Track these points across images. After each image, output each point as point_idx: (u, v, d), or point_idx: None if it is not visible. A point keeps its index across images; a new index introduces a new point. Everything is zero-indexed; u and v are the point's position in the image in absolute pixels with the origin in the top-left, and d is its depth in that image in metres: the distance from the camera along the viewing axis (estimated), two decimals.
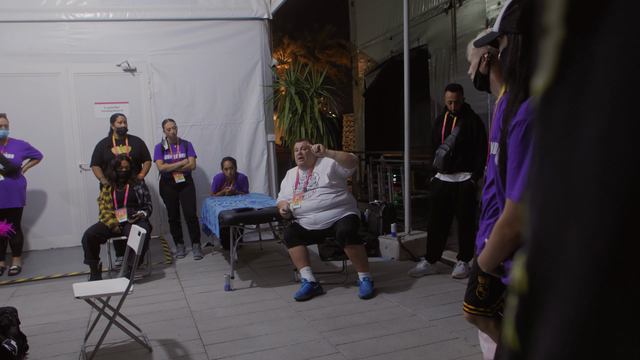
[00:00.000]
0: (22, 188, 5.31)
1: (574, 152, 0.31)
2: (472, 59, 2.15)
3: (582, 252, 0.30)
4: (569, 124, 0.31)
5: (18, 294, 4.71)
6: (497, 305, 2.29)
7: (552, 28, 0.32)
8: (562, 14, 0.32)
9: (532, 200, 0.35)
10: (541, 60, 0.33)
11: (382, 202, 5.94)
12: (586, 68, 0.30)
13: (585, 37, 0.30)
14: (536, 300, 0.33)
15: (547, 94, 0.33)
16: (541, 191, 0.34)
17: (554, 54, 0.32)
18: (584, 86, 0.30)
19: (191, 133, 6.38)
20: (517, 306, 0.36)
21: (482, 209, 2.14)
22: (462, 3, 8.36)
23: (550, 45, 0.33)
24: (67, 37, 6.08)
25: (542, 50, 0.33)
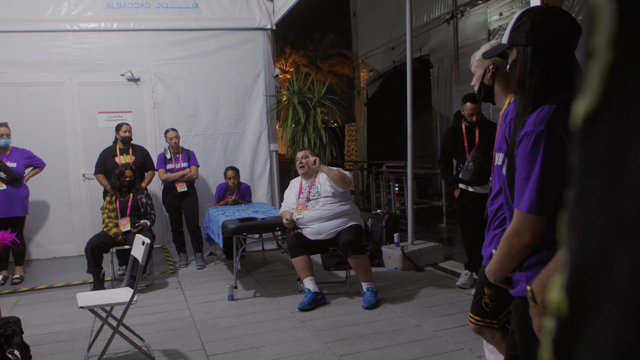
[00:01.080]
0: (24, 197, 5.32)
1: (622, 177, 0.30)
2: (475, 70, 2.15)
3: (632, 278, 0.29)
4: (615, 148, 0.31)
5: (21, 303, 4.70)
6: (503, 317, 2.28)
7: (600, 51, 0.32)
8: (610, 38, 0.31)
9: (572, 223, 0.34)
10: (585, 83, 0.33)
11: (385, 212, 5.93)
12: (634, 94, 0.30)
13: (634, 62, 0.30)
14: (578, 324, 0.33)
15: (590, 117, 0.33)
16: (584, 215, 0.33)
17: (600, 78, 0.32)
18: (632, 112, 0.30)
19: (194, 142, 6.39)
20: (555, 329, 0.35)
21: (488, 220, 2.14)
22: (464, 14, 8.40)
23: (596, 69, 0.32)
24: (72, 47, 6.11)
25: (587, 73, 0.33)
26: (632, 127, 0.30)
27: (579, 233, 0.33)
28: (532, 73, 1.46)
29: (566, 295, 0.34)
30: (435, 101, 9.30)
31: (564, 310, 0.34)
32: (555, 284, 0.36)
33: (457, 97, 8.65)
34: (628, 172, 0.30)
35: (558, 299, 0.35)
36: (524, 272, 1.49)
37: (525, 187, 1.40)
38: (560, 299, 0.34)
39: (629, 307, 0.29)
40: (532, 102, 1.45)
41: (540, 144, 1.37)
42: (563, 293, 0.34)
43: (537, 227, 1.40)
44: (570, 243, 0.34)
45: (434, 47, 9.22)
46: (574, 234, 0.34)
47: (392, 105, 11.26)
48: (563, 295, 0.34)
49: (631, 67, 0.30)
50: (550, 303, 0.36)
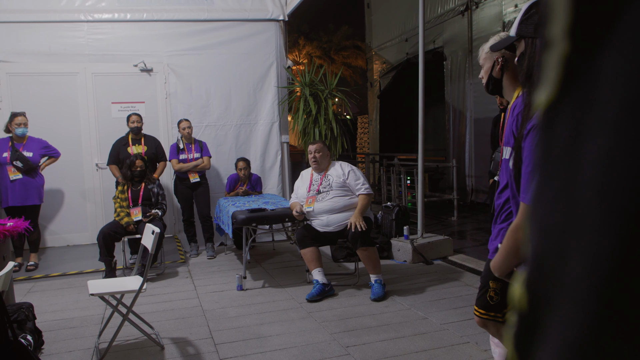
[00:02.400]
0: (40, 186, 5.40)
1: (577, 170, 0.30)
2: (484, 63, 2.13)
3: (583, 273, 0.29)
4: (572, 140, 0.31)
5: (35, 289, 4.79)
6: (508, 311, 2.27)
7: (557, 41, 0.31)
8: (566, 28, 0.31)
9: (532, 217, 0.34)
10: (544, 73, 0.33)
11: (395, 205, 5.93)
12: (590, 84, 0.29)
13: (590, 53, 0.30)
14: (536, 319, 0.33)
15: (550, 108, 0.32)
16: (542, 208, 0.33)
17: (558, 68, 0.32)
18: (588, 102, 0.30)
19: (206, 133, 6.43)
20: (516, 324, 0.35)
21: (495, 214, 2.13)
22: (479, 5, 8.31)
23: (554, 58, 0.32)
24: (86, 38, 6.17)
25: (545, 63, 0.33)
26: (588, 118, 0.29)
27: (539, 227, 0.33)
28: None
29: (526, 290, 0.34)
30: (449, 94, 9.24)
31: (524, 305, 0.34)
32: (518, 279, 0.35)
33: (470, 90, 8.58)
34: (584, 165, 0.29)
35: (519, 293, 0.34)
36: None
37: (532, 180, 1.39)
38: (521, 294, 0.34)
39: (580, 301, 0.29)
40: None
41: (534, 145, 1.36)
42: (523, 287, 0.34)
43: None
44: (531, 237, 0.34)
45: (447, 39, 9.14)
46: (534, 228, 0.33)
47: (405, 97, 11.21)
48: (523, 290, 0.34)
49: (587, 56, 0.30)
50: (513, 298, 0.36)
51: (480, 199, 8.53)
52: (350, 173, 4.42)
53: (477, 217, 7.81)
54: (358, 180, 4.39)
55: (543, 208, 0.33)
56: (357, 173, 4.47)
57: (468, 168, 8.73)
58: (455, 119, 9.08)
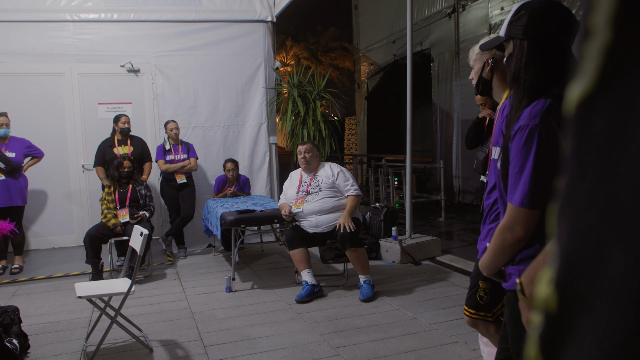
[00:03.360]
0: (23, 187, 5.33)
1: (618, 165, 0.28)
2: (474, 64, 2.15)
3: (627, 273, 0.27)
4: (613, 135, 0.29)
5: (19, 292, 4.73)
6: (498, 310, 2.29)
7: (598, 31, 0.29)
8: (611, 15, 0.29)
9: (562, 214, 0.32)
10: (582, 65, 0.30)
11: (383, 206, 5.95)
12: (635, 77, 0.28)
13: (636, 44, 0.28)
14: (567, 320, 0.31)
15: (586, 101, 0.30)
16: (576, 206, 0.31)
17: (598, 60, 0.29)
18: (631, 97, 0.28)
19: (194, 134, 6.39)
20: (542, 325, 0.33)
21: (484, 214, 2.15)
22: (465, 8, 8.38)
23: (594, 49, 0.30)
24: (72, 38, 6.10)
25: (584, 53, 0.30)
26: (631, 113, 0.28)
27: (571, 225, 0.31)
28: (528, 67, 1.46)
29: (555, 290, 0.32)
30: (436, 95, 9.30)
31: (553, 305, 0.32)
32: (543, 278, 0.34)
33: (457, 92, 8.64)
34: (626, 162, 0.28)
35: (546, 293, 0.33)
36: (517, 266, 1.50)
37: (519, 180, 1.41)
38: (548, 293, 0.33)
39: (621, 303, 0.27)
40: (527, 96, 1.45)
41: (534, 138, 1.37)
42: (552, 287, 0.32)
43: (530, 221, 1.41)
44: (560, 235, 0.32)
45: (434, 41, 9.20)
46: (565, 225, 0.32)
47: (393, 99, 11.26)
48: (552, 290, 0.32)
49: (632, 48, 0.28)
50: (538, 297, 0.34)
51: (467, 200, 8.60)
52: (339, 174, 4.43)
53: (465, 217, 7.87)
54: (347, 181, 4.41)
55: (577, 205, 0.31)
56: (346, 174, 4.48)
57: (455, 169, 8.79)
58: (443, 120, 9.14)
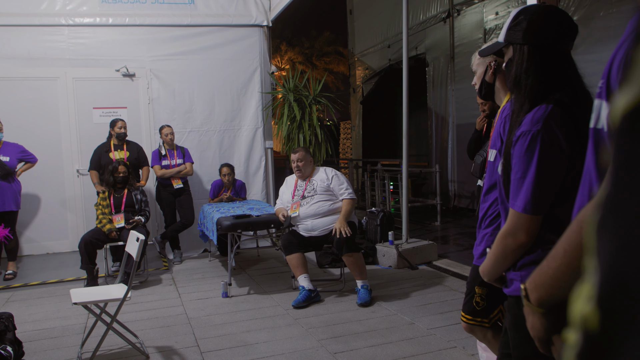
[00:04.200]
0: (17, 192, 5.28)
1: None
2: (477, 68, 2.15)
3: None
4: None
5: (14, 299, 4.68)
6: (495, 316, 2.28)
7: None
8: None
9: (606, 228, 0.31)
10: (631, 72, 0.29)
11: (379, 210, 5.94)
12: None
13: None
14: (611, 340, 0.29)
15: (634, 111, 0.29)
16: (623, 219, 0.29)
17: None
18: None
19: (189, 139, 6.37)
20: (581, 344, 0.31)
21: (479, 218, 2.14)
22: (460, 13, 8.42)
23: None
24: (66, 42, 6.08)
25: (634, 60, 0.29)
26: None
27: (618, 240, 0.30)
28: (529, 72, 1.46)
29: (597, 307, 0.30)
30: (431, 100, 9.32)
31: (594, 323, 0.30)
32: (581, 294, 0.32)
33: (452, 96, 8.67)
34: None
35: (586, 311, 0.31)
36: (518, 272, 1.49)
37: (521, 186, 1.40)
38: (589, 311, 0.31)
39: None
40: (528, 101, 1.45)
41: (537, 144, 1.37)
42: (593, 305, 0.31)
43: (532, 226, 1.40)
44: (602, 250, 0.30)
45: (429, 45, 9.23)
46: (609, 240, 0.30)
47: (388, 103, 11.29)
48: (593, 308, 0.31)
49: None
50: (576, 315, 0.32)
51: (462, 204, 8.61)
52: (333, 178, 4.43)
53: (460, 222, 7.88)
54: (342, 185, 4.40)
55: (623, 219, 0.29)
56: (341, 178, 4.48)
57: (451, 173, 8.81)
58: (438, 124, 9.16)
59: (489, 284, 1.71)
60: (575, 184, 1.39)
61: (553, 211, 1.41)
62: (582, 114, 1.42)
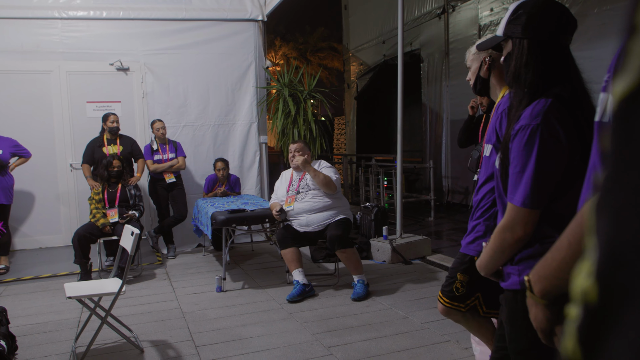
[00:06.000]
0: (9, 186, 5.24)
1: None
2: (471, 64, 2.16)
3: None
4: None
5: (6, 293, 4.66)
6: (471, 302, 2.33)
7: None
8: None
9: (604, 207, 0.32)
10: (626, 61, 0.30)
11: (374, 205, 5.95)
12: None
13: None
14: (609, 312, 0.31)
15: (631, 96, 0.30)
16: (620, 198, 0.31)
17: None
18: None
19: (183, 133, 6.35)
20: (581, 317, 0.33)
21: (472, 210, 2.16)
22: (455, 9, 8.42)
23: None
24: (60, 35, 6.03)
25: (628, 50, 0.30)
26: None
27: (615, 216, 0.31)
28: (528, 66, 1.46)
29: (596, 281, 0.32)
30: (425, 96, 9.34)
31: (593, 297, 0.32)
32: (581, 271, 0.33)
33: (447, 92, 8.68)
34: None
35: (586, 285, 0.32)
36: (516, 266, 1.50)
37: (520, 180, 1.41)
38: (588, 285, 0.32)
39: None
40: (528, 95, 1.45)
41: (536, 138, 1.37)
42: (592, 279, 0.32)
43: (530, 221, 1.41)
44: (601, 228, 0.32)
45: (424, 41, 9.24)
46: (608, 217, 0.31)
47: (382, 99, 11.29)
48: (592, 282, 0.32)
49: None
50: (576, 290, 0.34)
51: (456, 200, 8.64)
52: (324, 168, 4.42)
53: (454, 217, 7.91)
54: (330, 173, 4.37)
55: (619, 198, 0.31)
56: (332, 169, 4.45)
57: (444, 169, 8.83)
58: (432, 120, 9.18)
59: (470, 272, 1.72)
60: (574, 178, 1.40)
61: (551, 205, 1.42)
62: (582, 108, 1.43)
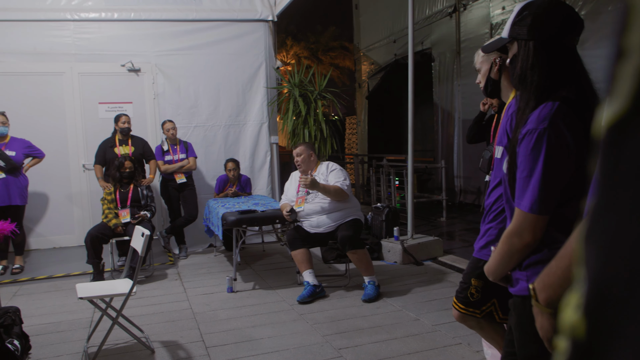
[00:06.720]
0: (24, 187, 5.31)
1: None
2: (481, 66, 2.13)
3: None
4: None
5: (20, 293, 4.71)
6: (487, 308, 2.29)
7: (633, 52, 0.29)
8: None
9: (593, 238, 0.31)
10: (615, 85, 0.30)
11: (385, 206, 5.93)
12: None
13: None
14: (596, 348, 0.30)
15: (619, 123, 0.30)
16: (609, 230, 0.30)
17: (632, 81, 0.29)
18: None
19: (194, 134, 6.38)
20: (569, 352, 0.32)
21: (484, 213, 2.14)
22: (467, 7, 8.36)
23: (629, 70, 0.29)
24: (72, 37, 6.08)
25: (617, 74, 0.30)
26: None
27: (603, 249, 0.30)
28: (534, 68, 1.44)
29: (584, 316, 0.31)
30: (437, 95, 9.28)
31: (581, 331, 0.31)
32: (569, 303, 0.33)
33: (458, 91, 8.63)
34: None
35: (574, 319, 0.32)
36: (524, 271, 1.48)
37: (527, 185, 1.39)
38: (576, 320, 0.32)
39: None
40: (534, 98, 1.43)
41: (543, 142, 1.35)
42: (580, 313, 0.31)
43: (538, 226, 1.39)
44: (589, 260, 0.31)
45: (435, 40, 9.18)
46: (596, 250, 0.31)
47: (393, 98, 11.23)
48: (580, 316, 0.31)
49: None
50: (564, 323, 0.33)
51: (468, 200, 8.58)
52: (332, 172, 4.37)
53: (466, 217, 7.85)
54: (339, 178, 4.32)
55: (608, 230, 0.30)
56: (340, 172, 4.38)
57: (456, 169, 8.78)
58: (444, 120, 9.13)
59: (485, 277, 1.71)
60: (582, 182, 1.37)
61: (560, 210, 1.39)
62: (590, 110, 1.40)
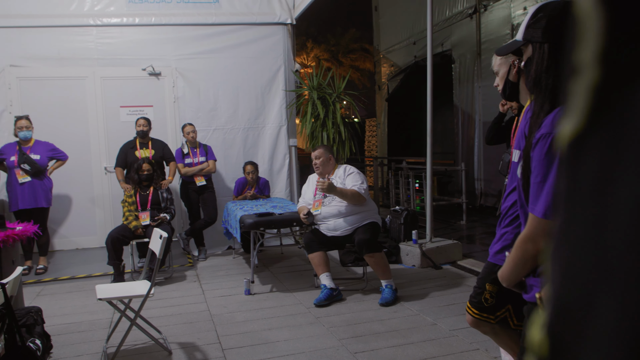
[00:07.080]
0: (48, 189, 5.43)
1: (606, 214, 0.27)
2: (499, 68, 2.10)
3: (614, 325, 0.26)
4: (602, 178, 0.27)
5: (44, 292, 4.81)
6: (501, 314, 2.26)
7: (586, 67, 0.28)
8: (598, 53, 0.27)
9: (555, 257, 0.31)
10: (570, 102, 0.29)
11: (403, 209, 5.89)
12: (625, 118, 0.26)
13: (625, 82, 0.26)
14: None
15: (576, 141, 0.29)
16: (567, 250, 0.30)
17: (586, 98, 0.28)
18: (621, 140, 0.26)
19: (214, 137, 6.44)
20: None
21: (500, 216, 2.11)
22: (487, 8, 8.27)
23: (582, 87, 0.28)
24: (95, 42, 6.20)
25: (572, 91, 0.29)
26: (620, 153, 0.26)
27: (563, 269, 0.30)
28: (549, 72, 1.42)
29: (547, 335, 0.31)
30: (457, 97, 9.20)
31: (545, 351, 0.31)
32: (537, 321, 0.33)
33: (479, 93, 8.53)
34: (615, 205, 0.26)
35: (538, 338, 0.32)
36: (538, 278, 1.46)
37: (541, 191, 1.36)
38: (541, 339, 0.31)
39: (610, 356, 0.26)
40: (549, 101, 1.41)
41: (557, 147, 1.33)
42: (544, 332, 0.31)
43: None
44: (553, 278, 0.31)
45: (456, 42, 9.10)
46: (557, 269, 0.31)
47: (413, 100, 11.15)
48: (544, 336, 0.31)
49: (620, 85, 0.26)
50: (531, 341, 0.33)
51: (489, 203, 8.48)
52: (350, 175, 4.33)
53: (486, 221, 7.76)
54: (356, 181, 4.29)
55: (567, 249, 0.30)
56: (358, 176, 4.35)
57: (477, 171, 8.68)
58: (464, 122, 9.04)
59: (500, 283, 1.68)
60: None
61: None
62: None
